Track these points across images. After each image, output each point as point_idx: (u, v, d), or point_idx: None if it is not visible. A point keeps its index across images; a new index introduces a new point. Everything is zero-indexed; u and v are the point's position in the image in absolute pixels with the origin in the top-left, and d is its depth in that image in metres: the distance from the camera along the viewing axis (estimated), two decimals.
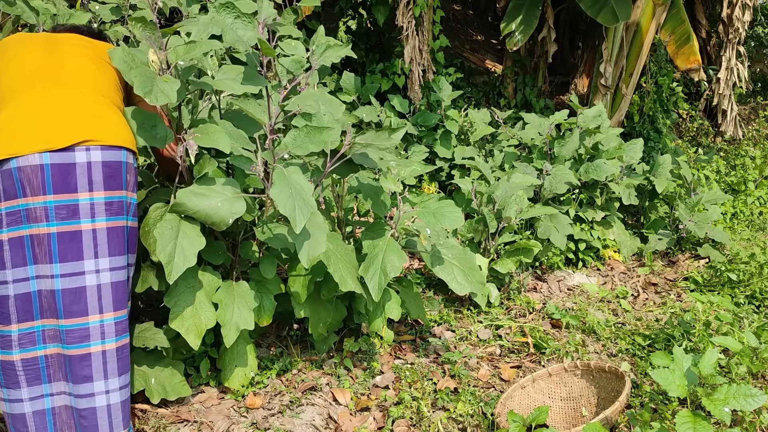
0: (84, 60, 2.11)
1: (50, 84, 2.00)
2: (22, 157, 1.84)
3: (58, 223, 1.88)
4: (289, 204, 2.07)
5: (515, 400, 2.55)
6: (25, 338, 1.93)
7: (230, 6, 2.24)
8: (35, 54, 2.07)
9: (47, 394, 1.97)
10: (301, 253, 2.19)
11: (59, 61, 2.07)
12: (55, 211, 1.88)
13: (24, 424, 1.95)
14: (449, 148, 5.04)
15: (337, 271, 2.46)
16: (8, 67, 2.04)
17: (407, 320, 3.30)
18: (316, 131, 2.29)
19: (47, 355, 1.96)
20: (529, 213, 3.75)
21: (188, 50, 2.15)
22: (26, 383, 1.94)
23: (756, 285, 3.71)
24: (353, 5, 5.75)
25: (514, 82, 6.79)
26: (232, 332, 2.35)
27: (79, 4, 3.70)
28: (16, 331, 1.92)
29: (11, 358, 1.92)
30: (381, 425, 2.44)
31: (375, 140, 2.41)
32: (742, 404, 1.96)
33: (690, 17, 6.58)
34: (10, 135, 1.86)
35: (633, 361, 2.99)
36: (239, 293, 2.44)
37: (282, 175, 2.14)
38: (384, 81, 5.70)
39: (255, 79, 2.28)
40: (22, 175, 1.84)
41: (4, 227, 1.88)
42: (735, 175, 6.20)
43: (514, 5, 5.94)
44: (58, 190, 1.87)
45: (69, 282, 1.92)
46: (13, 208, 1.88)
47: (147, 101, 1.93)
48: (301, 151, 2.27)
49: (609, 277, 4.18)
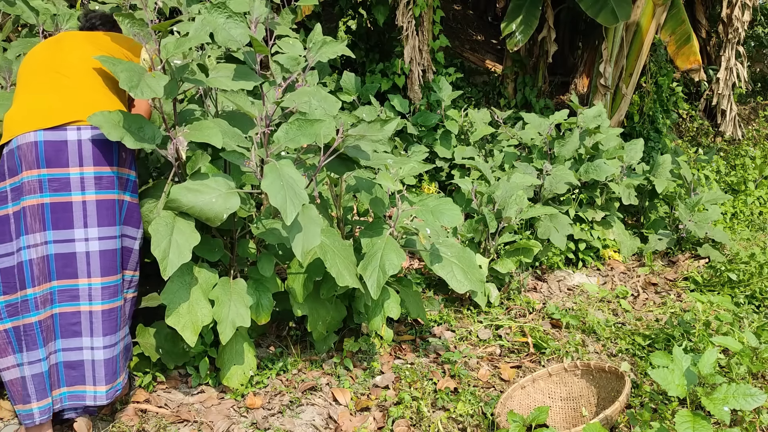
0: (87, 54, 2.25)
1: (51, 75, 2.18)
2: (21, 136, 2.05)
3: (50, 194, 2.07)
4: (280, 195, 2.09)
5: (515, 400, 2.55)
6: (44, 298, 2.10)
7: (222, 6, 2.28)
8: (42, 53, 2.27)
9: (43, 358, 2.10)
10: (295, 246, 2.20)
11: (63, 56, 2.25)
12: (48, 184, 2.06)
13: (42, 383, 2.10)
14: (449, 148, 5.04)
15: (334, 266, 2.46)
16: (22, 71, 2.26)
17: (407, 320, 3.30)
18: (307, 123, 2.30)
19: (40, 320, 2.10)
20: (529, 213, 3.75)
21: (178, 45, 2.18)
22: (42, 343, 2.09)
23: (756, 285, 3.71)
24: (353, 5, 5.75)
25: (514, 82, 6.79)
26: (228, 329, 2.35)
27: (79, 4, 3.70)
28: (31, 295, 2.07)
29: (30, 320, 2.08)
30: (381, 425, 2.44)
31: (367, 131, 2.41)
32: (741, 404, 1.96)
33: (690, 17, 6.58)
34: (13, 120, 2.09)
35: (633, 361, 2.99)
36: (236, 290, 2.44)
37: (274, 167, 2.16)
38: (384, 81, 5.70)
39: (248, 77, 2.31)
40: (20, 153, 2.05)
41: (10, 202, 2.07)
42: (735, 175, 6.20)
43: (514, 5, 5.95)
44: (51, 165, 2.06)
45: (61, 248, 2.10)
46: (15, 184, 2.07)
47: (132, 95, 2.01)
48: (293, 144, 2.29)
49: (609, 277, 4.17)
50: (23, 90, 2.19)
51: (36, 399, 2.09)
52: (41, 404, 2.10)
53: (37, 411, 2.09)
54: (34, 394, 2.08)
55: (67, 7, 3.21)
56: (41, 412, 2.10)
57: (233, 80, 2.30)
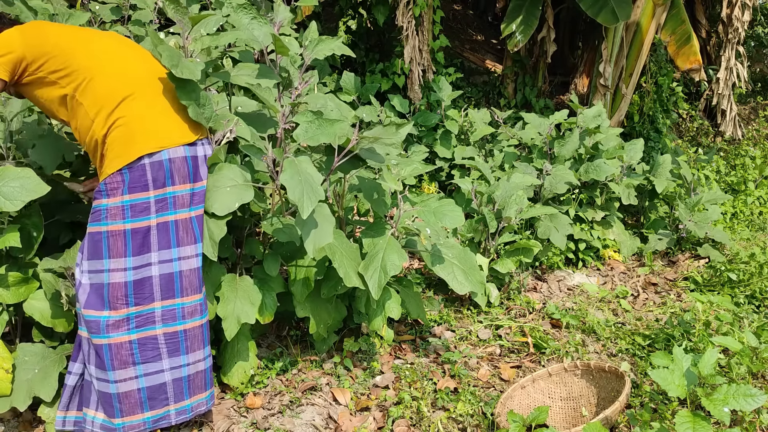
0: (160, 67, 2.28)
1: (156, 88, 2.16)
2: (172, 149, 2.08)
3: (194, 207, 2.16)
4: (298, 190, 2.10)
5: (515, 400, 2.55)
6: (167, 314, 2.11)
7: (247, 7, 2.34)
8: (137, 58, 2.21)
9: (185, 364, 2.17)
10: (307, 242, 2.21)
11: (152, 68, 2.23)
12: (193, 198, 2.15)
13: (164, 392, 2.14)
14: (449, 148, 5.04)
15: (342, 267, 2.48)
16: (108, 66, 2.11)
17: (407, 320, 3.30)
18: (327, 123, 2.33)
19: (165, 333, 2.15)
20: (529, 213, 3.75)
21: (214, 39, 2.27)
22: (167, 354, 2.13)
23: (756, 285, 3.71)
24: (353, 5, 5.75)
25: (514, 82, 6.79)
26: (233, 325, 2.36)
27: (79, 4, 3.70)
28: (160, 308, 2.10)
29: (154, 332, 2.10)
30: (381, 425, 2.44)
31: (383, 135, 2.43)
32: (741, 404, 1.96)
33: (690, 17, 6.58)
34: (153, 131, 2.07)
35: (633, 361, 2.99)
36: (242, 287, 2.45)
37: (293, 162, 2.18)
38: (384, 81, 5.70)
39: (269, 75, 2.39)
40: (173, 166, 2.08)
41: (153, 213, 2.07)
42: (735, 175, 6.20)
43: (514, 5, 5.94)
44: (196, 179, 2.16)
45: (196, 261, 2.19)
46: (161, 196, 2.08)
47: (174, 72, 2.07)
48: (312, 142, 2.32)
49: (609, 277, 4.17)
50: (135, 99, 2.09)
51: (148, 409, 2.12)
52: (153, 413, 2.14)
53: (151, 419, 2.14)
54: (146, 403, 2.11)
55: (66, 7, 3.21)
56: (153, 421, 2.15)
57: (257, 78, 2.38)
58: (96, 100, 2.04)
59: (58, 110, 2.12)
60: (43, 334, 2.33)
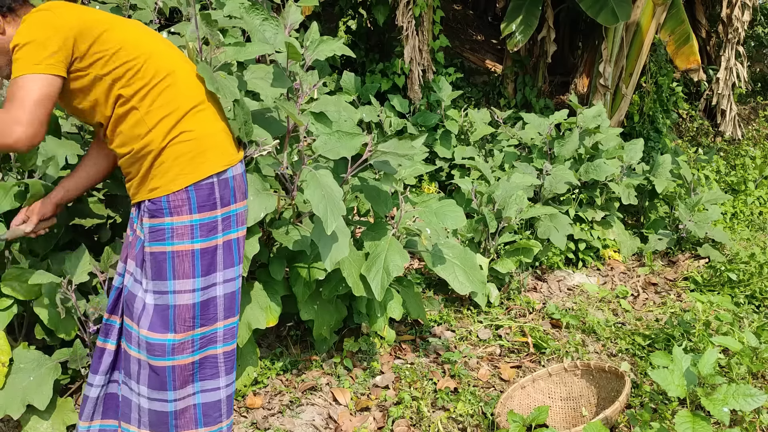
0: None
1: (214, 99, 1.99)
2: (234, 167, 1.98)
3: (242, 227, 2.06)
4: (321, 206, 2.07)
5: (515, 400, 2.55)
6: (228, 333, 2.05)
7: (259, 8, 2.29)
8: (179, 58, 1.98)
9: (233, 382, 2.10)
10: (325, 257, 2.19)
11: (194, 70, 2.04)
12: (243, 217, 2.06)
13: (218, 409, 2.06)
14: (449, 148, 5.04)
15: (351, 276, 2.49)
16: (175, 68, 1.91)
17: (407, 320, 3.31)
18: (347, 136, 2.31)
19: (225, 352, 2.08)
20: (529, 213, 3.75)
21: (238, 52, 2.20)
22: (224, 372, 2.06)
23: (756, 285, 3.71)
24: (353, 5, 5.75)
25: (514, 82, 6.79)
26: (244, 332, 2.36)
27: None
28: (222, 327, 2.03)
29: (215, 352, 2.03)
30: (381, 425, 2.44)
31: (398, 149, 2.42)
32: (741, 404, 1.96)
33: (690, 17, 6.58)
34: (222, 148, 1.95)
35: (633, 361, 2.99)
36: (253, 293, 2.45)
37: (314, 176, 2.15)
38: (384, 81, 5.70)
39: (283, 80, 2.31)
40: (236, 183, 1.99)
41: (220, 232, 1.96)
42: (735, 175, 6.20)
43: (514, 5, 5.95)
44: (247, 195, 2.09)
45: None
46: (227, 214, 1.99)
47: (219, 96, 1.94)
48: (332, 155, 2.29)
49: (609, 277, 4.18)
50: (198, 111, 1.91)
51: (202, 426, 2.05)
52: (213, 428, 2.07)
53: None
54: (200, 420, 2.04)
55: None
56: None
57: (272, 85, 2.26)
58: (160, 107, 1.83)
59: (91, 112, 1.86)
60: (45, 332, 2.32)
